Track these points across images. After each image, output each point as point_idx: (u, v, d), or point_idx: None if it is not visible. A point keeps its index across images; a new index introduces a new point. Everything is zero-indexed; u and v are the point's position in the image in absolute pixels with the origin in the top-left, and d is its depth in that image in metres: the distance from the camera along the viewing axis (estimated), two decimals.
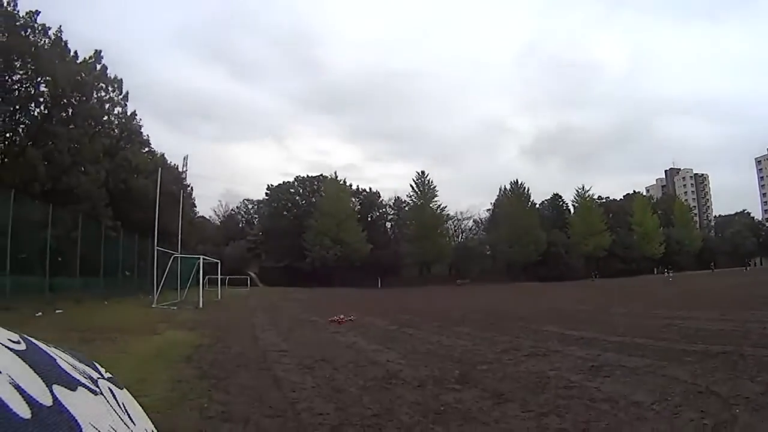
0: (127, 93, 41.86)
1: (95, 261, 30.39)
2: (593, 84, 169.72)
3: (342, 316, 17.76)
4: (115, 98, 40.69)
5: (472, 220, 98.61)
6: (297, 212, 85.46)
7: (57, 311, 19.42)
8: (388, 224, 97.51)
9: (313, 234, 77.06)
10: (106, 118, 40.20)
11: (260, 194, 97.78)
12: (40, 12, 32.67)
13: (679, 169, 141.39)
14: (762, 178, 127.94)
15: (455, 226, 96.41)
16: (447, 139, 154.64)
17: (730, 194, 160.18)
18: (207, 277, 38.80)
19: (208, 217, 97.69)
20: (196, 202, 71.59)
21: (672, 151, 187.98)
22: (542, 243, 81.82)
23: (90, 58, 37.03)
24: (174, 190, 42.83)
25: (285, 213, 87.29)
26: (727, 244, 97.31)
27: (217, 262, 38.33)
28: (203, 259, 31.68)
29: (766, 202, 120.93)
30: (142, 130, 48.71)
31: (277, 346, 11.59)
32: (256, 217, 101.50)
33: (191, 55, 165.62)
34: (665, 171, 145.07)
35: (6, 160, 31.02)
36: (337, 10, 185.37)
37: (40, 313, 17.96)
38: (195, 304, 25.74)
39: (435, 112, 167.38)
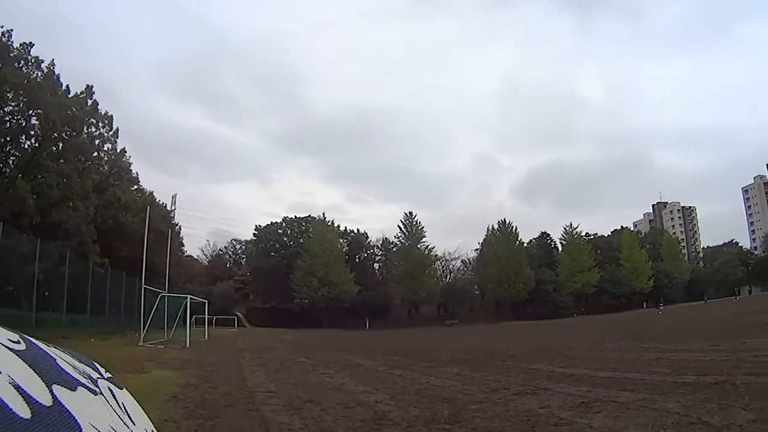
0: (117, 129, 41.45)
1: (82, 297, 29.75)
2: (577, 120, 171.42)
3: None
4: (106, 134, 40.34)
5: (460, 260, 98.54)
6: (285, 253, 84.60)
7: None
8: (376, 265, 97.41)
9: (301, 275, 76.22)
10: (96, 154, 39.87)
11: (248, 234, 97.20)
12: (34, 44, 32.75)
13: (666, 202, 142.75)
14: (749, 207, 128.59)
15: (443, 267, 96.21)
16: (433, 178, 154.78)
17: (718, 225, 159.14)
18: (194, 316, 38.06)
19: (195, 257, 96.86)
20: (184, 242, 71.17)
21: (659, 185, 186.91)
22: (531, 281, 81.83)
23: (81, 93, 36.84)
24: (162, 229, 42.61)
25: (273, 254, 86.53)
26: (716, 275, 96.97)
27: (205, 302, 37.99)
28: (190, 298, 31.31)
29: (753, 231, 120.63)
30: (131, 167, 48.46)
31: (265, 386, 11.64)
32: (244, 258, 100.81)
33: (177, 94, 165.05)
34: (652, 205, 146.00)
35: None
36: (319, 48, 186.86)
37: None
38: (182, 344, 25.49)
39: (420, 153, 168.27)
